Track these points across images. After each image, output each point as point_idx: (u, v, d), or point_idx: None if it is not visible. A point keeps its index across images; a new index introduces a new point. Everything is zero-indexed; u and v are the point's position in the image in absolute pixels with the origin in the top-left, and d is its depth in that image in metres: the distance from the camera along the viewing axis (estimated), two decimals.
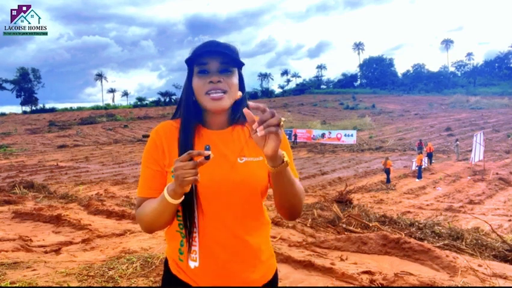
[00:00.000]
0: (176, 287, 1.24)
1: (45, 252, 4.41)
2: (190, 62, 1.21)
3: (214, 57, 1.17)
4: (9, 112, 75.89)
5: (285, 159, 1.08)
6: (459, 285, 3.20)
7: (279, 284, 1.39)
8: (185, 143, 1.18)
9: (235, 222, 1.18)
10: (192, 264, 1.19)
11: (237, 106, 1.24)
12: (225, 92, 1.18)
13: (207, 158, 1.02)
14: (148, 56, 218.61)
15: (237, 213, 1.18)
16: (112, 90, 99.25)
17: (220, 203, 1.16)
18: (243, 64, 1.23)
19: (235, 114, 1.25)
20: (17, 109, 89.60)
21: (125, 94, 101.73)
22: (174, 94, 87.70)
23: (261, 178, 1.20)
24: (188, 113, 1.22)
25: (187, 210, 1.16)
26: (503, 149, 27.42)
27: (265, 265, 1.26)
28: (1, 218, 6.36)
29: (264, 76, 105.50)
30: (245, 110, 1.01)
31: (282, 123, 0.99)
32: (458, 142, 24.88)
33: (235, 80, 1.21)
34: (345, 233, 5.34)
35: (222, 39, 1.25)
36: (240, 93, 1.24)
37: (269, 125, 0.97)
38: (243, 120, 1.21)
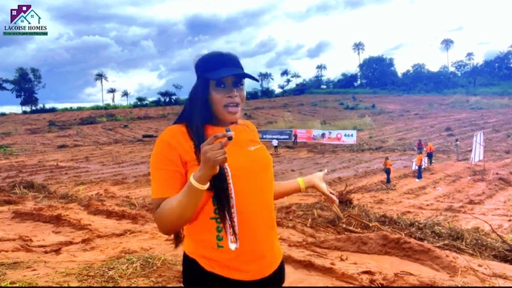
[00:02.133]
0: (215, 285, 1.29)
1: (45, 252, 4.41)
2: (203, 72, 1.33)
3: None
4: (9, 112, 76.05)
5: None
6: (459, 285, 3.20)
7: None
8: (203, 141, 1.26)
9: (264, 198, 1.33)
10: (233, 246, 1.25)
11: None
12: (238, 104, 1.34)
13: (230, 138, 1.13)
14: (148, 56, 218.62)
15: (263, 190, 1.34)
16: (112, 90, 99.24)
17: (250, 181, 1.29)
18: (255, 79, 1.38)
19: None
20: (17, 109, 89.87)
21: (125, 94, 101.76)
22: (174, 94, 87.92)
23: (270, 159, 1.43)
24: (201, 116, 1.33)
25: (224, 194, 1.24)
26: (503, 149, 27.43)
27: (278, 246, 1.43)
28: (1, 218, 6.36)
29: (264, 76, 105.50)
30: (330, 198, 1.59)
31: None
32: (458, 142, 24.87)
33: (245, 91, 1.38)
34: (345, 233, 5.34)
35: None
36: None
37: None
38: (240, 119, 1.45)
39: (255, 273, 1.30)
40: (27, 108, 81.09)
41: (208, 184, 1.17)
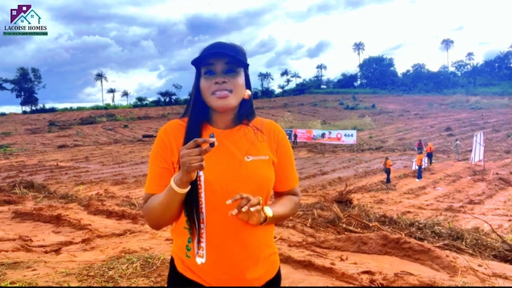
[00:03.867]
0: (184, 286, 1.26)
1: (45, 252, 4.41)
2: (198, 63, 1.24)
3: (220, 58, 1.21)
4: (9, 112, 76.02)
5: (268, 215, 1.18)
6: (459, 285, 3.20)
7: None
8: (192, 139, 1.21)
9: (241, 221, 1.19)
10: (199, 261, 1.21)
11: (243, 105, 1.30)
12: (230, 91, 1.22)
13: (212, 145, 1.06)
14: (148, 56, 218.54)
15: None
16: (112, 90, 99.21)
17: (228, 198, 1.17)
18: (247, 65, 1.27)
19: (242, 114, 1.30)
20: (17, 109, 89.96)
21: (125, 94, 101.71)
22: (174, 94, 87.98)
23: (267, 176, 1.25)
24: (195, 112, 1.26)
25: (195, 206, 1.19)
26: (503, 149, 27.43)
27: (268, 262, 1.29)
28: (1, 218, 6.36)
29: (264, 76, 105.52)
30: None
31: (260, 202, 1.12)
32: (457, 142, 24.89)
33: (240, 80, 1.25)
34: (345, 233, 5.34)
35: (223, 39, 1.28)
36: (248, 93, 1.30)
37: (252, 204, 1.09)
38: (249, 121, 1.31)
39: None
40: (27, 108, 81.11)
41: (188, 188, 1.12)
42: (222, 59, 1.21)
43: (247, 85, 1.31)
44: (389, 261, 4.10)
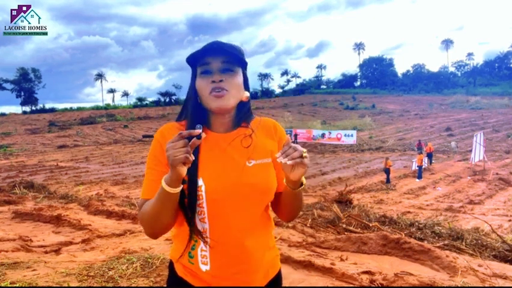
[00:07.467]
0: None
1: (45, 252, 4.41)
2: (194, 63, 1.20)
3: (216, 56, 1.16)
4: (9, 112, 76.00)
5: (304, 182, 1.19)
6: (459, 285, 3.20)
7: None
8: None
9: (244, 225, 1.17)
10: (204, 268, 1.18)
11: (242, 108, 1.25)
12: (228, 90, 1.17)
13: (199, 137, 1.01)
14: (148, 56, 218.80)
15: (246, 217, 1.18)
16: (112, 91, 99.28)
17: (230, 206, 1.15)
18: (245, 63, 1.22)
19: (240, 116, 1.25)
20: (17, 109, 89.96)
21: (125, 94, 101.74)
22: (174, 94, 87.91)
23: (270, 181, 1.21)
24: (193, 115, 1.20)
25: (193, 215, 1.15)
26: (503, 149, 27.43)
27: (269, 264, 1.27)
28: (1, 218, 6.36)
29: (264, 76, 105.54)
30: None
31: (305, 154, 1.09)
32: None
33: (238, 79, 1.20)
34: (345, 233, 5.34)
35: (223, 39, 1.25)
36: (247, 94, 1.25)
37: (293, 157, 1.07)
38: (248, 122, 1.26)
39: None
40: (27, 108, 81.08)
41: (180, 188, 1.06)
42: (219, 58, 1.16)
43: (246, 86, 1.26)
44: (389, 261, 4.10)
